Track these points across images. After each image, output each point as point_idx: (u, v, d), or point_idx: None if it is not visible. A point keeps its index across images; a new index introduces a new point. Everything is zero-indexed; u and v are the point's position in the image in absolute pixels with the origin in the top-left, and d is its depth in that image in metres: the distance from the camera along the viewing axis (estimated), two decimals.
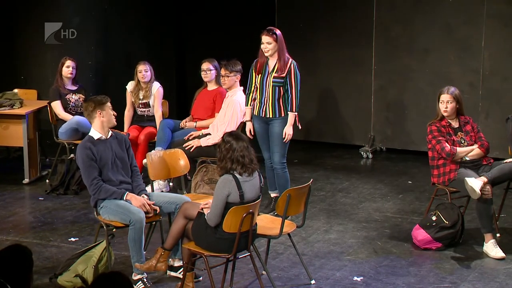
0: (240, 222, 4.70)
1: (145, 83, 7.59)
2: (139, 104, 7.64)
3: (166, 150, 6.18)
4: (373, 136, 9.03)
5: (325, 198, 7.28)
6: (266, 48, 6.35)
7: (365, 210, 6.90)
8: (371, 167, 8.60)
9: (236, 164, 4.81)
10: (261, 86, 6.40)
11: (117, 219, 5.18)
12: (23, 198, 7.30)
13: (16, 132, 7.54)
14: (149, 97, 7.60)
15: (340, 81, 9.09)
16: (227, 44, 9.55)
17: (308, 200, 5.27)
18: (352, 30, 8.91)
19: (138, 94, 7.64)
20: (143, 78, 7.56)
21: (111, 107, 5.36)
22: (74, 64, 7.67)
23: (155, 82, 7.64)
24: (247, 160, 4.81)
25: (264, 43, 6.36)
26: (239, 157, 4.81)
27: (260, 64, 6.43)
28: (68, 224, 6.48)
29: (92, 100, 5.34)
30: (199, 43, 9.93)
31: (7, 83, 8.52)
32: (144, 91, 7.62)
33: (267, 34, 6.36)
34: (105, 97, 5.39)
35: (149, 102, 7.61)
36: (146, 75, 7.56)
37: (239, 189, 4.77)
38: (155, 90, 7.60)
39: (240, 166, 4.81)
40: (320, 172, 8.17)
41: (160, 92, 7.63)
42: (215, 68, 7.30)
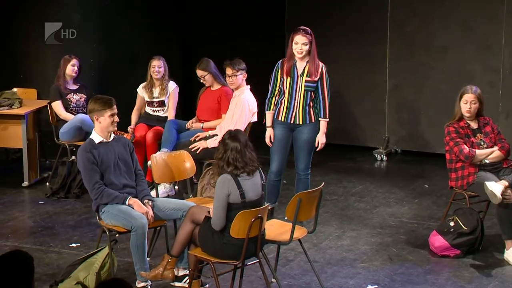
0: (249, 227, 4.69)
1: (158, 80, 7.59)
2: (152, 102, 7.63)
3: (172, 152, 6.19)
4: (387, 138, 9.01)
5: (338, 202, 7.27)
6: (301, 50, 6.16)
7: (380, 215, 6.88)
8: (385, 170, 8.58)
9: (227, 165, 4.81)
10: (291, 91, 6.25)
11: (119, 224, 5.19)
12: (22, 202, 7.31)
13: (15, 133, 7.56)
14: (164, 95, 7.60)
15: (353, 80, 9.08)
16: (235, 42, 9.55)
17: (319, 204, 5.27)
18: (366, 26, 8.90)
19: (152, 90, 7.64)
20: (155, 74, 7.57)
21: (115, 113, 5.32)
22: (78, 63, 7.70)
23: (171, 82, 7.64)
24: (239, 164, 4.81)
25: (299, 44, 6.17)
26: (230, 159, 4.82)
27: (288, 66, 6.23)
28: (69, 229, 6.49)
29: (94, 101, 5.33)
30: (205, 40, 9.93)
31: (5, 82, 8.53)
32: (160, 89, 7.61)
33: (304, 34, 6.16)
34: (109, 100, 5.32)
35: (165, 101, 7.61)
36: (159, 71, 7.57)
37: (238, 188, 4.77)
38: (171, 90, 7.60)
39: (233, 168, 4.81)
40: (332, 176, 8.16)
41: (175, 93, 7.63)
42: (209, 71, 7.29)
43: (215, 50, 7.75)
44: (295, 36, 6.20)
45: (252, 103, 6.90)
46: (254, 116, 6.95)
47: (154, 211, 5.30)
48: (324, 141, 6.38)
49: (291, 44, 6.22)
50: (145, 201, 5.31)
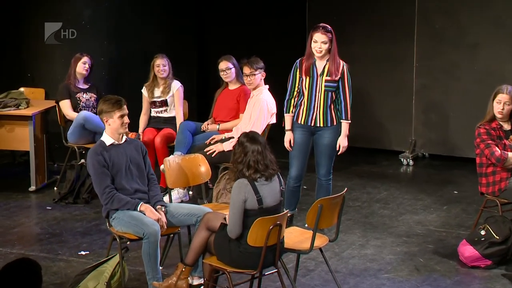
0: (267, 235, 4.70)
1: (163, 79, 7.62)
2: (155, 102, 7.66)
3: (186, 155, 6.20)
4: (414, 141, 8.98)
5: (361, 209, 7.25)
6: (320, 48, 6.14)
7: (406, 223, 6.86)
8: (412, 175, 8.55)
9: (247, 169, 4.82)
10: (310, 91, 6.24)
11: (130, 232, 5.21)
12: (29, 207, 7.36)
13: (22, 135, 7.61)
14: (167, 94, 7.62)
15: (378, 80, 9.06)
16: (253, 40, 9.56)
17: (342, 211, 5.26)
18: (391, 22, 8.88)
19: (153, 90, 7.67)
20: (160, 74, 7.59)
21: (124, 114, 5.34)
22: (90, 62, 7.75)
23: (175, 81, 7.66)
24: (260, 166, 4.82)
25: (318, 42, 6.15)
26: (251, 162, 4.82)
27: (307, 66, 6.23)
28: (78, 236, 6.52)
29: (103, 102, 5.35)
30: (221, 38, 9.96)
31: (12, 81, 8.59)
32: (162, 87, 7.64)
33: (323, 32, 6.14)
34: (118, 101, 5.34)
35: (167, 100, 7.63)
36: (165, 70, 7.60)
37: (256, 194, 4.78)
38: (175, 89, 7.63)
39: (253, 171, 4.82)
40: (355, 181, 8.15)
41: (180, 92, 7.65)
42: (234, 65, 7.31)
43: (232, 49, 7.75)
44: (314, 34, 6.19)
45: (271, 103, 6.90)
46: (272, 118, 6.95)
47: (167, 217, 5.31)
48: (346, 144, 6.36)
49: (310, 42, 6.22)
50: (158, 207, 5.32)
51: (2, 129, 7.65)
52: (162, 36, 9.56)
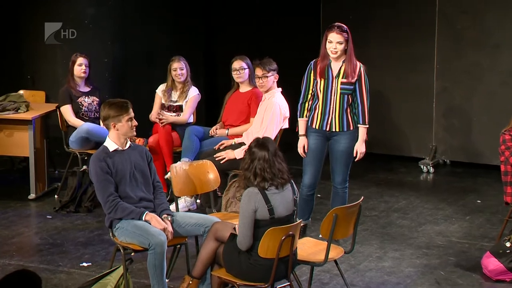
0: (279, 246, 4.69)
1: (181, 83, 7.64)
2: (170, 106, 7.68)
3: (193, 162, 6.20)
4: (434, 147, 8.97)
5: (378, 219, 7.24)
6: (336, 49, 6.14)
7: (426, 234, 6.84)
8: (432, 184, 8.53)
9: (254, 176, 4.82)
10: (325, 94, 6.23)
11: (134, 242, 5.21)
12: (28, 216, 7.37)
13: (21, 140, 7.63)
14: (183, 99, 7.64)
15: (396, 82, 9.05)
16: (264, 41, 9.57)
17: (358, 221, 5.25)
18: (411, 22, 8.88)
19: (170, 94, 7.68)
20: (179, 78, 7.61)
21: (132, 116, 5.37)
22: (86, 62, 7.73)
23: (193, 87, 7.67)
24: (267, 174, 4.81)
25: (333, 43, 6.15)
26: (257, 170, 4.82)
27: (322, 67, 6.22)
28: (80, 247, 6.53)
29: (109, 106, 5.35)
30: (231, 39, 9.98)
31: (11, 84, 8.62)
32: (180, 92, 7.66)
33: (339, 31, 6.14)
34: (125, 104, 5.36)
35: (182, 106, 7.66)
36: (182, 74, 7.61)
37: (266, 203, 4.77)
38: (191, 95, 7.64)
39: (261, 179, 4.82)
40: (373, 189, 8.14)
41: (195, 99, 7.66)
42: (248, 66, 7.32)
43: (242, 50, 7.75)
44: (329, 33, 6.19)
45: (284, 107, 6.90)
46: (285, 122, 6.95)
47: (173, 227, 5.31)
48: (364, 150, 6.35)
49: (325, 43, 6.21)
50: (164, 216, 5.32)
51: (0, 134, 7.67)
52: (168, 36, 9.58)
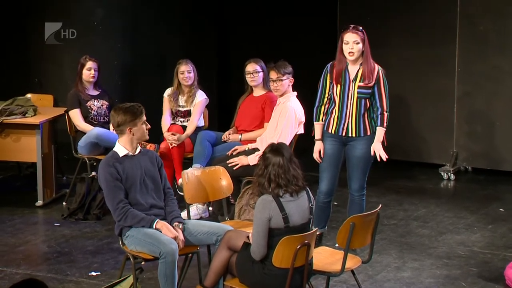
0: (294, 255, 4.70)
1: (188, 87, 7.67)
2: (177, 112, 7.71)
3: (205, 168, 6.22)
4: (456, 153, 8.95)
5: (397, 228, 7.23)
6: (353, 49, 6.11)
7: (446, 244, 6.83)
8: (453, 191, 8.51)
9: (268, 183, 4.85)
10: (342, 98, 6.22)
11: (145, 251, 5.23)
12: (35, 223, 7.41)
13: (29, 145, 7.66)
14: (190, 104, 7.66)
15: (415, 86, 9.04)
16: (279, 43, 9.58)
17: (376, 230, 5.25)
18: (431, 24, 8.86)
19: (177, 99, 7.71)
20: (186, 81, 7.64)
21: (145, 119, 5.42)
22: (96, 66, 7.76)
23: (200, 91, 7.70)
24: (281, 181, 4.83)
25: (350, 43, 6.12)
26: (271, 176, 4.84)
27: (338, 70, 6.21)
28: (89, 255, 6.55)
29: (123, 112, 5.36)
30: (244, 41, 10.00)
31: (18, 87, 8.67)
32: (186, 96, 7.69)
33: (354, 30, 6.12)
34: (139, 107, 5.39)
35: (191, 111, 7.68)
36: (190, 77, 7.64)
37: (281, 211, 4.79)
38: (198, 100, 7.66)
39: (275, 185, 4.84)
40: (391, 197, 8.12)
41: (202, 104, 7.67)
42: (263, 69, 7.34)
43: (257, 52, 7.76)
44: (345, 34, 6.18)
45: (299, 111, 6.91)
46: (300, 127, 6.96)
47: (185, 235, 5.33)
48: (380, 148, 6.28)
49: (341, 45, 6.20)
50: (175, 224, 5.34)
51: (7, 139, 7.71)
52: (180, 38, 9.62)
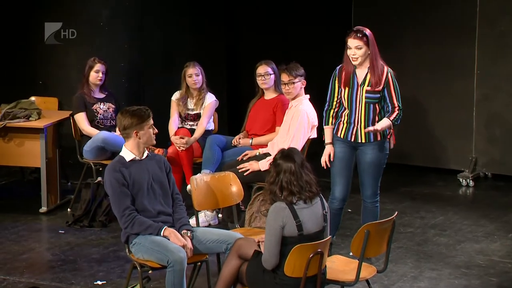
0: (306, 264, 4.69)
1: (196, 90, 7.67)
2: (187, 115, 7.72)
3: (215, 173, 6.23)
4: (475, 159, 8.92)
5: (414, 236, 7.22)
6: (355, 55, 6.08)
7: (465, 252, 6.81)
8: (472, 198, 8.49)
9: (281, 190, 4.84)
10: (350, 103, 6.21)
11: (152, 259, 5.23)
12: (39, 230, 7.42)
13: (32, 150, 7.68)
14: (200, 107, 7.67)
15: (432, 89, 9.02)
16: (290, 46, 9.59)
17: (391, 238, 5.24)
18: (449, 24, 8.85)
19: (186, 103, 7.72)
20: (194, 84, 7.65)
21: (152, 123, 5.42)
22: (104, 68, 7.78)
23: (209, 94, 7.71)
24: (294, 188, 4.83)
25: (351, 48, 6.09)
26: (283, 183, 4.84)
27: (346, 74, 6.19)
28: (94, 264, 6.56)
29: (130, 115, 5.37)
30: (255, 44, 10.00)
31: (22, 90, 8.69)
32: (196, 100, 7.70)
33: (355, 36, 6.08)
34: (146, 111, 5.40)
35: (201, 114, 7.69)
36: (198, 80, 7.65)
37: (295, 218, 4.79)
38: (208, 102, 7.67)
39: (287, 193, 4.84)
40: (407, 203, 8.11)
41: (212, 106, 7.69)
42: (274, 72, 7.35)
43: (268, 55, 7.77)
44: (348, 39, 6.12)
45: (312, 115, 6.91)
46: (313, 131, 6.96)
47: (193, 243, 5.33)
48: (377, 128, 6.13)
49: (346, 49, 6.18)
50: (183, 232, 5.35)
51: (10, 143, 7.73)
52: (189, 40, 9.63)
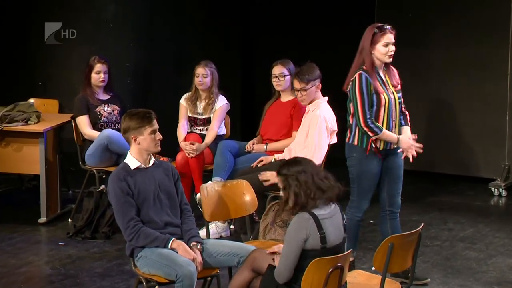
0: (325, 279, 4.67)
1: (205, 92, 7.67)
2: (196, 119, 7.72)
3: (227, 181, 6.22)
4: (508, 167, 8.89)
5: (441, 249, 7.19)
6: (393, 52, 6.14)
7: (497, 268, 6.78)
8: (505, 209, 8.46)
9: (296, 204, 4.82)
10: (388, 107, 6.16)
11: (159, 273, 5.22)
12: (38, 242, 7.43)
13: (31, 155, 7.69)
14: (210, 111, 7.66)
15: (461, 91, 9.00)
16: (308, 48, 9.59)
17: (417, 251, 5.21)
18: (479, 22, 8.83)
19: (195, 105, 7.71)
20: (199, 85, 7.65)
21: (156, 129, 5.37)
22: (106, 68, 7.76)
23: (220, 97, 7.70)
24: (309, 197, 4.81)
25: (389, 44, 6.12)
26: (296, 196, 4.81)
27: (376, 77, 6.16)
28: (96, 278, 6.56)
29: (129, 117, 5.37)
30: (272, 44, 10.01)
31: (20, 92, 8.72)
32: (205, 103, 7.69)
33: (391, 31, 6.15)
34: (147, 114, 5.36)
35: (211, 118, 7.68)
36: (204, 82, 7.64)
37: (319, 230, 4.77)
38: (218, 106, 7.66)
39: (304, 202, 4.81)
40: (434, 214, 8.08)
41: (223, 110, 7.68)
42: (290, 72, 7.33)
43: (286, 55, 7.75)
44: (384, 35, 6.10)
45: (330, 119, 6.88)
46: (333, 137, 6.93)
47: (203, 256, 5.32)
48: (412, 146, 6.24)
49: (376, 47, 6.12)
50: (193, 244, 5.33)
51: (8, 148, 7.74)
52: (200, 39, 9.64)
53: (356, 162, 6.24)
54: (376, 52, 6.12)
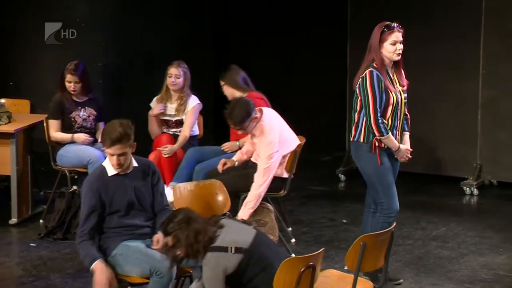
0: (297, 279, 4.70)
1: (176, 92, 7.69)
2: (168, 121, 7.74)
3: (200, 182, 6.23)
4: (479, 166, 8.96)
5: (414, 248, 7.25)
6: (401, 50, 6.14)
7: (469, 266, 6.84)
8: (477, 208, 8.53)
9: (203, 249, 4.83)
10: (396, 107, 6.17)
11: (136, 270, 5.22)
12: (9, 244, 7.40)
13: (2, 156, 7.66)
14: (182, 112, 7.68)
15: (434, 90, 9.06)
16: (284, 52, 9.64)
17: (389, 251, 5.26)
18: (451, 20, 8.88)
19: (166, 106, 7.73)
20: (172, 85, 7.67)
21: (116, 154, 5.22)
22: (77, 78, 7.58)
23: (192, 96, 7.73)
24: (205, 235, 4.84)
25: (397, 43, 6.12)
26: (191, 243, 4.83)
27: (385, 76, 6.16)
28: (68, 279, 6.55)
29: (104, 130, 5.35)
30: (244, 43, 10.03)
31: None
32: (177, 104, 7.71)
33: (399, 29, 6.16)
34: (112, 136, 5.20)
35: (183, 120, 7.70)
36: (177, 82, 7.66)
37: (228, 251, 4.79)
38: (191, 106, 7.69)
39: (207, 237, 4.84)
40: (407, 214, 8.11)
41: (195, 110, 7.70)
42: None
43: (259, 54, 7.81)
44: (392, 34, 6.11)
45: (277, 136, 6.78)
46: (292, 144, 6.90)
47: None
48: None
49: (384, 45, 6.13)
50: None
51: None
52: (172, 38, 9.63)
53: (367, 160, 6.22)
54: (384, 50, 6.12)
